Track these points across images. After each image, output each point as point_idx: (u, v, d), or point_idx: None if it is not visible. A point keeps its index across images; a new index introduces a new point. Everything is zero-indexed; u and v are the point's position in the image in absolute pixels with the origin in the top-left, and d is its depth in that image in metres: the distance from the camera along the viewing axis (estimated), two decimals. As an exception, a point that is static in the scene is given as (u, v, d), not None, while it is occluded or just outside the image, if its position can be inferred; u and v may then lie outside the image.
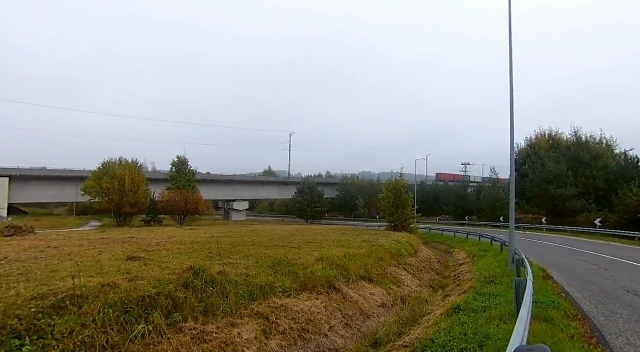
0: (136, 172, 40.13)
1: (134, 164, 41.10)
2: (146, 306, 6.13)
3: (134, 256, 9.97)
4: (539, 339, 4.93)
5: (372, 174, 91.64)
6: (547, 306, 7.00)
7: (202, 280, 7.46)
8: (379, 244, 16.26)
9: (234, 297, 7.40)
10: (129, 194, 38.05)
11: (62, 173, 46.07)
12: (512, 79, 13.25)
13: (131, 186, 38.24)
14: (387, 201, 30.23)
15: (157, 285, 6.86)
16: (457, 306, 7.62)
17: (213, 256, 10.94)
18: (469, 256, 19.79)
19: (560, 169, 37.61)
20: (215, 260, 10.04)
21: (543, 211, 39.63)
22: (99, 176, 38.20)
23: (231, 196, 61.16)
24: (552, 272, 12.18)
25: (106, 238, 17.04)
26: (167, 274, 7.72)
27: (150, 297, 6.32)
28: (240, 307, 7.37)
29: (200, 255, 11.03)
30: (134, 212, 39.57)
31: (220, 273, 8.13)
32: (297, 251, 12.88)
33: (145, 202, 40.40)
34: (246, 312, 7.35)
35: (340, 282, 10.31)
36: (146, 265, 8.90)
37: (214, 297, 7.17)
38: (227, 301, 7.25)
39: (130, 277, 7.20)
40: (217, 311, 6.92)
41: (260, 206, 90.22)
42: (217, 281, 7.68)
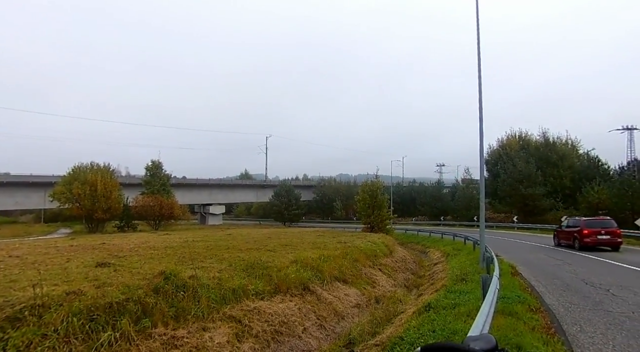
0: (108, 176, 39.14)
1: (106, 169, 40.07)
2: (114, 313, 5.98)
3: (104, 262, 9.71)
4: (502, 332, 5.11)
5: (349, 176, 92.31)
6: (513, 301, 7.24)
7: (173, 285, 7.33)
8: (354, 245, 16.38)
9: (206, 301, 7.31)
10: (101, 199, 36.98)
11: (28, 178, 44.32)
12: (480, 84, 13.65)
13: (103, 191, 37.18)
14: (363, 203, 30.43)
15: (126, 291, 6.71)
16: (428, 304, 7.78)
17: (186, 261, 10.77)
18: (443, 255, 20.18)
19: (529, 169, 38.93)
20: (188, 264, 9.89)
21: (514, 209, 40.84)
22: (69, 181, 36.99)
23: (207, 199, 60.36)
24: (521, 268, 12.58)
25: (75, 245, 16.50)
26: (137, 279, 7.56)
27: (119, 303, 6.17)
28: (212, 311, 7.28)
29: (172, 260, 10.84)
30: (106, 217, 38.50)
31: (192, 277, 8.01)
32: (271, 253, 12.83)
33: (118, 208, 39.35)
34: (218, 316, 7.27)
35: (314, 284, 10.32)
36: (116, 271, 8.68)
37: (185, 302, 7.06)
38: (198, 305, 7.15)
39: (98, 284, 7.02)
40: (188, 315, 6.82)
41: (237, 209, 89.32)
42: (188, 285, 7.56)
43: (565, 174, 40.19)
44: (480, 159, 13.96)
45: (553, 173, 40.40)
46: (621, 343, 5.15)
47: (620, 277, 10.50)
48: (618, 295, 8.19)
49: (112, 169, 41.74)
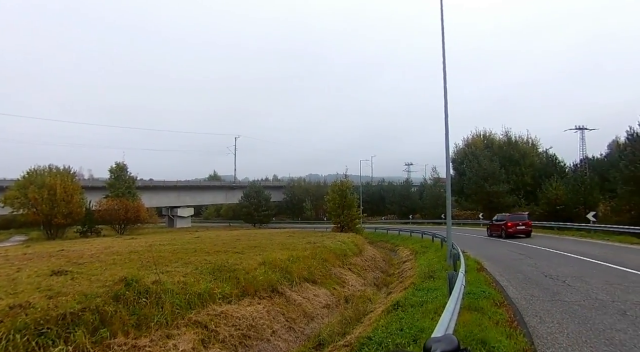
0: (69, 180, 37.21)
1: (66, 172, 38.11)
2: (67, 325, 5.64)
3: (60, 270, 9.19)
4: (467, 328, 5.19)
5: (319, 176, 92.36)
6: (478, 296, 7.40)
7: (135, 291, 7.03)
8: (324, 245, 16.36)
9: (170, 307, 7.05)
10: (61, 203, 35.12)
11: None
12: (445, 85, 13.92)
13: (63, 195, 35.33)
14: (332, 203, 30.50)
15: (82, 300, 6.36)
16: (396, 302, 7.83)
17: (150, 265, 10.39)
18: (412, 252, 20.49)
19: (493, 167, 40.27)
20: (152, 269, 9.54)
21: (480, 206, 42.11)
22: (24, 185, 34.88)
23: (175, 202, 58.77)
24: (486, 263, 12.93)
25: (30, 253, 15.62)
26: (96, 287, 7.20)
27: (73, 313, 5.83)
28: (176, 317, 7.02)
29: (136, 265, 10.42)
30: (67, 223, 36.61)
31: (156, 282, 7.71)
32: (240, 255, 12.60)
33: (80, 212, 37.53)
34: (183, 322, 7.02)
35: (283, 285, 10.21)
36: (73, 279, 8.23)
37: (148, 309, 6.78)
38: (162, 311, 6.88)
39: (51, 294, 6.61)
40: (150, 322, 6.54)
41: (206, 211, 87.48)
42: (151, 291, 7.27)
43: (526, 171, 41.88)
44: (446, 158, 14.25)
45: (515, 171, 42.00)
46: (574, 330, 5.47)
47: (575, 268, 11.07)
48: (572, 285, 8.63)
49: (74, 171, 39.77)
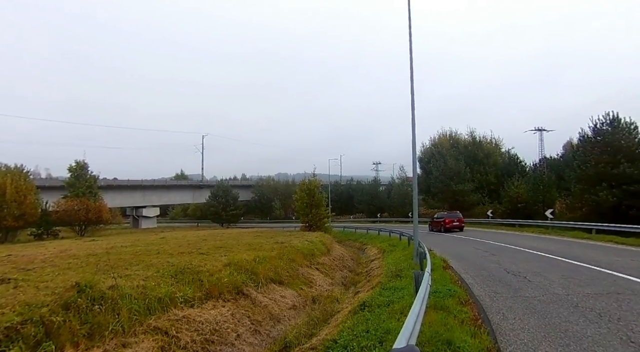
0: (21, 179, 34.94)
1: (18, 170, 35.81)
2: (5, 339, 5.16)
3: (2, 278, 8.53)
4: (433, 329, 5.16)
5: (288, 175, 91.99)
6: (444, 295, 7.43)
7: (88, 298, 6.58)
8: (291, 245, 16.17)
9: (127, 313, 6.65)
10: (12, 205, 32.94)
11: None
12: (412, 89, 14.02)
13: (14, 195, 33.18)
14: (300, 202, 30.36)
15: (24, 311, 5.86)
16: (363, 302, 7.75)
17: (108, 269, 9.86)
18: (380, 251, 20.63)
19: (459, 166, 41.40)
20: (110, 273, 9.04)
21: (446, 205, 43.12)
22: (-33, 185, 32.59)
23: (140, 202, 56.74)
24: (452, 261, 13.12)
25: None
26: (43, 295, 6.68)
27: (10, 327, 5.34)
28: (134, 324, 6.64)
29: (92, 269, 9.84)
30: (19, 225, 34.36)
31: (113, 287, 7.27)
32: (204, 256, 12.21)
33: (34, 214, 35.31)
34: (141, 329, 6.65)
35: (248, 287, 9.95)
36: (16, 287, 7.61)
37: (102, 316, 6.35)
38: (118, 318, 6.48)
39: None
40: (105, 331, 6.14)
41: (173, 211, 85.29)
42: (107, 297, 6.84)
43: (490, 170, 43.32)
44: (412, 157, 14.35)
45: (480, 170, 43.35)
46: (534, 325, 5.58)
47: (535, 264, 11.43)
48: (532, 281, 8.88)
49: (27, 170, 37.40)
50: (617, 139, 23.36)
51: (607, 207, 22.10)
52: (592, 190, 23.19)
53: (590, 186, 23.73)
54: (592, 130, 25.57)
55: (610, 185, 22.21)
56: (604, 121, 24.81)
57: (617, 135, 23.55)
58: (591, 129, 25.69)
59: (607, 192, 22.01)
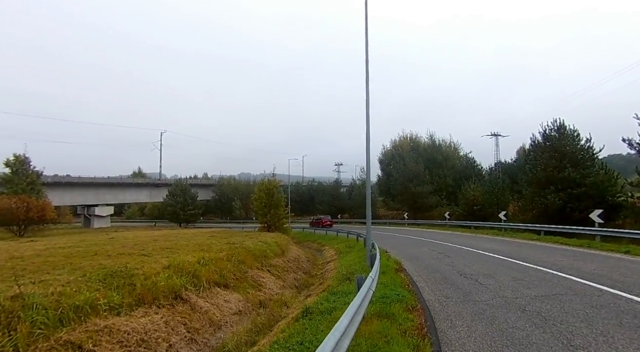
0: (-54, 173, 31.96)
1: (-56, 164, 32.66)
2: None
3: None
4: (372, 341, 4.69)
5: (251, 175, 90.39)
6: (391, 300, 7.02)
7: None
8: (243, 246, 15.43)
9: (27, 328, 5.73)
10: None
11: None
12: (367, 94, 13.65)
13: (-62, 191, 30.26)
14: (259, 202, 29.58)
15: None
16: (306, 308, 7.20)
17: (24, 274, 8.78)
18: (337, 252, 20.26)
19: (418, 169, 41.94)
20: (22, 279, 7.99)
21: (406, 206, 43.66)
22: None
23: (92, 200, 53.52)
24: (406, 263, 12.87)
25: None
26: None
27: None
28: (37, 340, 5.73)
29: (5, 274, 8.71)
30: (-60, 225, 31.40)
31: (15, 297, 6.32)
32: (144, 258, 11.29)
33: (-38, 212, 32.42)
34: (47, 345, 5.75)
35: (188, 291, 9.19)
36: None
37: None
38: (12, 336, 5.54)
39: None
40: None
41: (129, 210, 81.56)
42: (4, 309, 5.90)
43: (448, 173, 44.23)
44: (366, 160, 13.90)
45: (438, 173, 44.16)
46: (481, 333, 5.28)
47: (487, 266, 11.38)
48: (483, 283, 8.71)
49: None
50: (563, 145, 24.29)
51: (554, 210, 22.87)
52: (542, 193, 23.96)
53: (540, 188, 24.52)
54: (542, 135, 26.50)
55: (557, 188, 23.02)
56: (552, 127, 25.76)
57: (563, 141, 24.50)
58: (541, 134, 26.62)
59: (555, 195, 22.79)
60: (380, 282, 8.46)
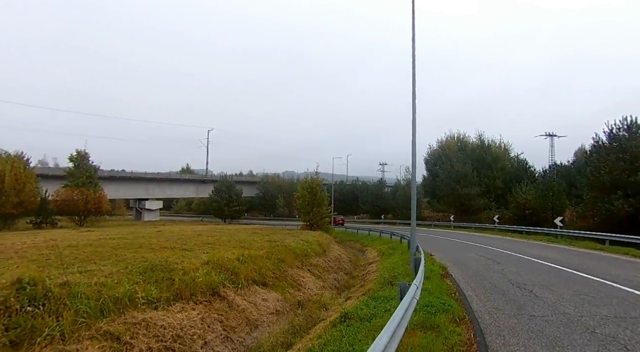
0: (21, 167, 34.58)
1: (18, 158, 35.41)
2: None
3: (-48, 269, 7.80)
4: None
5: (295, 173, 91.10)
6: (437, 310, 6.49)
7: (27, 297, 5.79)
8: (284, 244, 15.30)
9: (72, 315, 5.83)
10: (11, 192, 32.52)
11: None
12: (414, 89, 13.11)
13: (13, 183, 32.76)
14: (302, 200, 29.54)
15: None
16: (345, 313, 6.82)
17: (75, 263, 9.11)
18: (379, 254, 19.73)
19: (466, 170, 40.21)
20: (72, 268, 8.28)
21: (452, 208, 42.03)
22: (-32, 171, 32.28)
23: (143, 194, 56.33)
24: (452, 269, 12.18)
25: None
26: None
27: None
28: (80, 328, 5.81)
29: (57, 262, 9.07)
30: (18, 213, 34.03)
31: (64, 285, 6.49)
32: (185, 253, 11.41)
33: (33, 202, 34.94)
34: (88, 334, 5.82)
35: (226, 288, 9.09)
36: (-41, 281, 6.87)
37: (39, 319, 5.55)
38: (59, 321, 5.66)
39: None
40: (38, 337, 5.32)
41: (177, 205, 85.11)
42: (53, 295, 6.04)
43: (497, 175, 42.02)
44: (412, 159, 13.39)
45: (487, 174, 42.10)
46: None
47: (542, 276, 10.46)
48: (540, 296, 7.91)
49: (27, 158, 37.01)
50: (634, 145, 22.10)
51: (622, 217, 20.91)
52: (606, 198, 21.98)
53: (604, 194, 22.53)
54: (608, 136, 24.35)
55: (626, 193, 21.01)
56: (620, 126, 23.59)
57: (635, 141, 22.29)
58: (606, 134, 24.47)
59: (623, 201, 20.81)
60: (424, 289, 7.93)
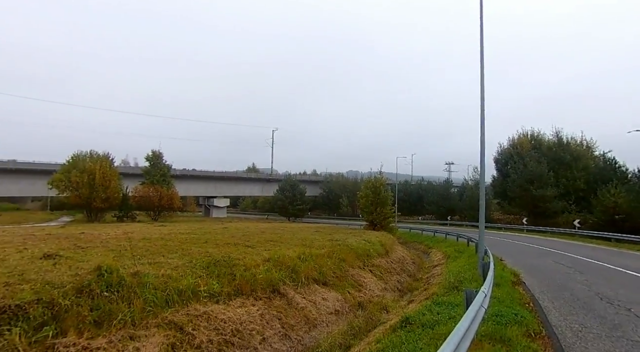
0: (107, 165, 38.24)
1: (105, 158, 39.18)
2: (8, 319, 4.90)
3: (52, 254, 8.66)
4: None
5: (359, 173, 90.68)
6: (508, 321, 5.91)
7: (105, 283, 6.25)
8: (346, 243, 15.13)
9: (141, 303, 6.18)
10: (99, 188, 36.15)
11: (32, 166, 43.89)
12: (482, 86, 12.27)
13: (102, 180, 36.33)
14: (365, 199, 29.17)
15: (41, 289, 5.64)
16: (406, 318, 6.50)
17: (145, 254, 9.72)
18: (445, 256, 18.88)
19: (541, 170, 37.12)
20: (143, 259, 8.84)
21: (524, 211, 39.08)
22: (68, 169, 36.28)
23: (211, 192, 59.67)
24: (525, 276, 11.23)
25: (55, 234, 15.66)
26: (68, 275, 6.48)
27: (19, 306, 5.09)
28: (148, 315, 6.15)
29: (131, 253, 9.76)
30: (104, 207, 37.69)
31: (135, 275, 6.92)
32: (248, 249, 11.69)
33: (117, 197, 38.55)
34: (155, 322, 6.14)
35: (286, 286, 9.15)
36: (56, 264, 7.61)
37: (114, 304, 5.95)
38: (130, 308, 6.04)
39: (16, 281, 5.96)
40: (114, 320, 5.71)
41: (243, 203, 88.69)
42: (125, 283, 6.46)
43: (579, 175, 38.20)
44: (480, 159, 12.50)
45: (566, 174, 38.48)
46: None
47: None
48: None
49: (112, 158, 40.81)
50: None
51: None
52: None
53: None
54: None
55: None
56: None
57: None
58: None
59: None
60: (494, 296, 7.33)
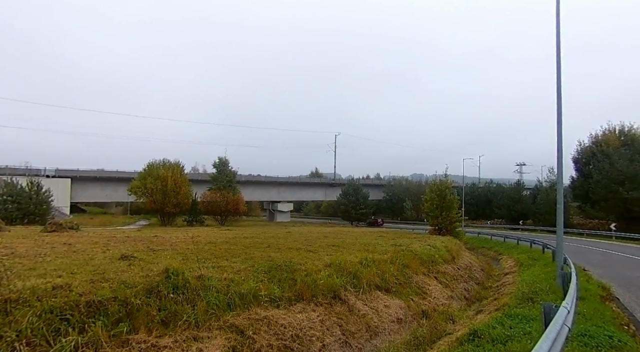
0: (178, 172, 40.98)
1: (176, 165, 42.00)
2: (92, 313, 5.28)
3: (128, 255, 9.32)
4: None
5: (423, 176, 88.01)
6: (599, 344, 5.09)
7: (171, 284, 6.54)
8: (409, 249, 14.59)
9: (204, 306, 6.38)
10: (171, 194, 38.85)
11: (115, 174, 48.62)
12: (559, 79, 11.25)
13: (173, 186, 39.04)
14: (430, 203, 28.10)
15: (118, 288, 6.04)
16: (474, 331, 5.98)
17: (210, 258, 10.09)
18: (517, 264, 17.52)
19: (634, 169, 33.12)
20: (208, 262, 9.16)
21: (612, 216, 35.19)
22: (144, 176, 39.44)
23: (275, 197, 61.37)
24: (619, 290, 9.96)
25: (132, 236, 16.92)
26: (140, 276, 6.89)
27: (100, 302, 5.47)
28: (210, 318, 6.32)
29: (197, 256, 10.18)
30: (176, 212, 40.37)
31: (199, 278, 7.18)
32: (310, 254, 11.70)
33: (187, 203, 41.12)
34: (217, 324, 6.29)
35: (347, 292, 8.96)
36: (131, 265, 8.17)
37: (180, 305, 6.20)
38: (194, 309, 6.25)
39: (97, 279, 6.45)
40: (179, 320, 5.94)
41: (306, 207, 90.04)
42: (190, 286, 6.72)
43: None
44: (557, 154, 11.48)
45: (665, 175, 34.00)
46: None
47: None
48: None
49: (183, 165, 43.61)
50: None
51: None
52: None
53: None
54: None
55: None
56: None
57: None
58: None
59: None
60: (578, 312, 6.53)
